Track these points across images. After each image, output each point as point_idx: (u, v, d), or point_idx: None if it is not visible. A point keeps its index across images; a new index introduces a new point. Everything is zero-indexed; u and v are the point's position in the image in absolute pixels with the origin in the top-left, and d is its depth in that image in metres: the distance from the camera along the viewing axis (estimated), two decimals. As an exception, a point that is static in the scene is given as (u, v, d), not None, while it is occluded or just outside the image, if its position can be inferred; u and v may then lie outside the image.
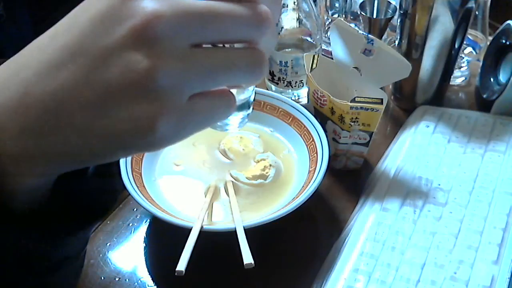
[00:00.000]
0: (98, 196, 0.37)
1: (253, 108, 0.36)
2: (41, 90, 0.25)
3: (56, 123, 0.25)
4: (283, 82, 0.70)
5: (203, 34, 0.25)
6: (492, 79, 0.69)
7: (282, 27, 0.68)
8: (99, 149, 0.26)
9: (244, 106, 0.35)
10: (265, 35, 0.27)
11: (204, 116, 0.27)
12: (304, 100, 0.70)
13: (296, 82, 0.70)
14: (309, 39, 0.69)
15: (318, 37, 0.69)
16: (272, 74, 0.70)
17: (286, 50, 0.69)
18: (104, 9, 0.25)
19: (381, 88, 0.58)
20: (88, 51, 0.25)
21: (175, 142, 0.27)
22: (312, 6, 0.67)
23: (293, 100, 0.63)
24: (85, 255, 0.41)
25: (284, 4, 0.67)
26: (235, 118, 0.35)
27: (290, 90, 0.71)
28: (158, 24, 0.24)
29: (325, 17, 0.80)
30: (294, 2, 0.66)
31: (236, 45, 0.28)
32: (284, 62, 0.68)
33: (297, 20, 0.68)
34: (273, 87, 0.72)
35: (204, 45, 0.26)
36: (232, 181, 0.57)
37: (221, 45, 0.27)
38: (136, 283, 0.52)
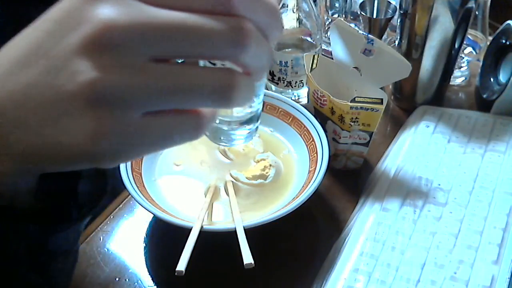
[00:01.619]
0: (87, 193, 0.36)
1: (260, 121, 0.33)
2: (4, 89, 0.25)
3: (12, 124, 0.25)
4: (283, 82, 0.70)
5: (164, 48, 0.23)
6: (492, 79, 0.69)
7: (282, 27, 0.68)
8: (51, 156, 0.25)
9: (252, 119, 0.32)
10: (247, 54, 0.24)
11: (159, 137, 0.25)
12: (304, 100, 0.70)
13: (296, 82, 0.70)
14: (309, 39, 0.69)
15: (318, 37, 0.69)
16: (272, 74, 0.70)
17: (286, 50, 0.69)
18: (65, 12, 0.24)
19: (381, 88, 0.58)
20: (45, 54, 0.24)
21: (127, 160, 0.25)
22: (312, 6, 0.67)
23: (293, 100, 0.63)
24: (78, 251, 0.40)
25: (284, 4, 0.67)
26: (241, 132, 0.32)
27: (290, 90, 0.71)
28: (110, 33, 0.22)
29: (325, 17, 0.80)
30: (294, 4, 0.66)
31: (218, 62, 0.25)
32: (284, 62, 0.68)
33: (297, 20, 0.68)
34: (273, 87, 0.72)
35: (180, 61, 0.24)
36: (232, 181, 0.57)
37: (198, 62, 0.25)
38: (136, 283, 0.52)
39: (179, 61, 0.25)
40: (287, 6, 0.67)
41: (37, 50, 0.24)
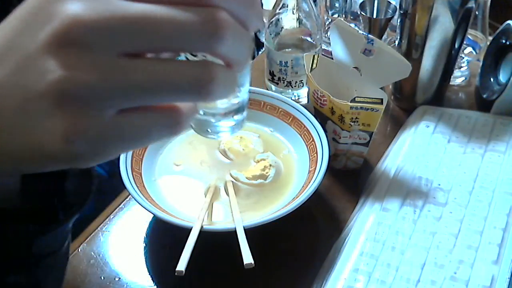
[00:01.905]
0: (73, 193, 0.36)
1: (247, 112, 0.32)
2: None
3: None
4: (283, 82, 0.70)
5: (135, 43, 0.22)
6: (492, 79, 0.69)
7: (282, 27, 0.68)
8: (25, 158, 0.24)
9: (237, 111, 0.31)
10: (224, 45, 0.23)
11: (134, 134, 0.24)
12: (304, 100, 0.70)
13: (296, 82, 0.70)
14: (309, 39, 0.69)
15: (318, 37, 0.69)
16: (272, 74, 0.70)
17: (286, 50, 0.69)
18: (31, 10, 0.23)
19: (381, 88, 0.58)
20: (12, 54, 0.23)
21: (103, 160, 0.24)
22: (312, 6, 0.67)
23: (293, 100, 0.63)
24: (68, 252, 0.40)
25: (284, 4, 0.67)
26: (227, 124, 0.32)
27: (290, 90, 0.71)
28: (77, 29, 0.21)
29: (325, 17, 0.80)
30: (294, 4, 0.66)
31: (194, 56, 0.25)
32: (284, 62, 0.68)
33: (297, 20, 0.68)
34: (273, 87, 0.72)
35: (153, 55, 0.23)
36: (232, 181, 0.57)
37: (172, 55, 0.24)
38: (136, 283, 0.52)
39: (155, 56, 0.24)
40: (287, 6, 0.67)
41: (3, 50, 0.23)
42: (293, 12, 0.67)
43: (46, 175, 0.29)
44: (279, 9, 0.67)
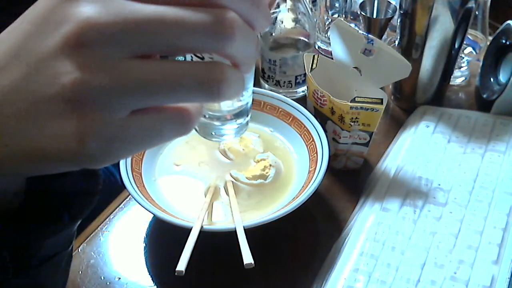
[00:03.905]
0: (78, 194, 0.36)
1: (251, 115, 0.32)
2: None
3: None
4: (272, 81, 0.70)
5: (147, 44, 0.23)
6: (492, 79, 0.69)
7: (278, 26, 0.68)
8: (36, 161, 0.24)
9: (241, 114, 0.31)
10: (233, 46, 0.23)
11: (146, 135, 0.24)
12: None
13: (284, 82, 0.70)
14: (304, 39, 0.69)
15: (313, 37, 0.69)
16: (263, 71, 0.71)
17: (282, 49, 0.69)
18: (42, 13, 0.23)
19: (381, 88, 0.58)
20: (23, 58, 0.23)
21: (113, 161, 0.24)
22: (307, 6, 0.67)
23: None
24: (72, 253, 0.40)
25: (279, 3, 0.67)
26: (231, 127, 0.32)
27: (281, 90, 0.71)
28: (91, 31, 0.22)
29: (325, 17, 0.80)
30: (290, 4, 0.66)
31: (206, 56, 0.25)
32: (273, 61, 0.68)
33: (293, 20, 0.68)
34: (266, 85, 0.72)
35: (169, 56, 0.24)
36: (232, 181, 0.57)
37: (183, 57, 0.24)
38: (136, 283, 0.52)
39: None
40: (284, 6, 0.67)
41: (14, 54, 0.23)
42: (288, 11, 0.67)
43: (52, 176, 0.29)
44: (274, 9, 0.67)
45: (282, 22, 0.68)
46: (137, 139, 0.24)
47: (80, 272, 0.52)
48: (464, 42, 0.66)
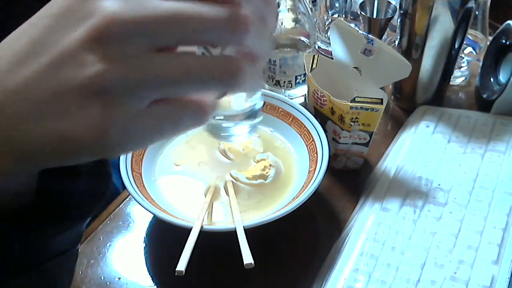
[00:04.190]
0: (88, 193, 0.36)
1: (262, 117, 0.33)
2: (1, 86, 0.25)
3: (13, 120, 0.25)
4: (272, 81, 0.70)
5: (167, 38, 0.24)
6: (492, 79, 0.69)
7: (279, 26, 0.68)
8: (56, 150, 0.25)
9: (251, 115, 0.32)
10: (248, 39, 0.25)
11: (164, 124, 0.26)
12: (298, 100, 0.71)
13: (284, 82, 0.70)
14: (304, 39, 0.69)
15: (312, 37, 0.69)
16: (263, 71, 0.71)
17: (283, 49, 0.69)
18: (65, 7, 0.24)
19: (381, 88, 0.58)
20: (48, 48, 0.24)
21: (134, 149, 0.25)
22: (306, 6, 0.67)
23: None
24: (78, 251, 0.40)
25: (278, 3, 0.67)
26: (240, 128, 0.32)
27: (283, 90, 0.71)
28: (115, 25, 0.23)
29: (325, 17, 0.80)
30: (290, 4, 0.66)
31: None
32: (273, 61, 0.68)
33: (293, 20, 0.68)
34: (266, 85, 0.72)
35: (179, 49, 0.25)
36: (232, 181, 0.57)
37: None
38: (136, 283, 0.52)
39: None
40: (284, 6, 0.67)
41: (37, 46, 0.24)
42: (288, 11, 0.67)
43: (62, 174, 0.30)
44: None
45: (282, 22, 0.68)
46: (155, 127, 0.25)
47: (80, 272, 0.52)
48: (464, 42, 0.66)
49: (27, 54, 0.24)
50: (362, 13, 0.70)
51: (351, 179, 0.62)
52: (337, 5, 0.80)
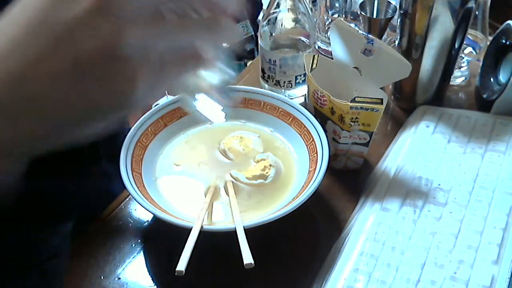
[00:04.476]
0: (86, 194, 0.36)
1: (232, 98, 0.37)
2: (6, 70, 0.25)
3: (27, 102, 0.25)
4: (272, 81, 0.70)
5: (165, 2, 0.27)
6: (492, 79, 0.69)
7: (278, 26, 0.68)
8: (78, 117, 0.27)
9: (224, 90, 0.36)
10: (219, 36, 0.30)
11: (176, 71, 0.29)
12: (298, 100, 0.71)
13: (284, 82, 0.70)
14: (304, 39, 0.69)
15: (312, 37, 0.69)
16: (263, 71, 0.71)
17: (282, 49, 0.69)
18: None
19: (381, 88, 0.58)
20: (53, 23, 0.25)
21: (154, 98, 0.29)
22: (306, 6, 0.67)
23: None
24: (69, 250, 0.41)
25: (278, 3, 0.67)
26: (213, 104, 0.36)
27: (283, 90, 0.71)
28: None
29: (325, 17, 0.80)
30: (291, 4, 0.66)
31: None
32: (273, 61, 0.68)
33: (293, 20, 0.68)
34: (266, 85, 0.72)
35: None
36: (232, 181, 0.57)
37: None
38: (136, 283, 0.52)
39: None
40: (284, 6, 0.67)
41: (38, 23, 0.25)
42: (288, 11, 0.67)
43: (62, 176, 0.30)
44: (274, 8, 0.67)
45: (282, 22, 0.68)
46: (169, 74, 0.28)
47: (80, 272, 0.52)
48: (464, 42, 0.66)
49: (35, 27, 0.25)
50: (362, 13, 0.70)
51: (351, 179, 0.62)
52: (337, 5, 0.80)
